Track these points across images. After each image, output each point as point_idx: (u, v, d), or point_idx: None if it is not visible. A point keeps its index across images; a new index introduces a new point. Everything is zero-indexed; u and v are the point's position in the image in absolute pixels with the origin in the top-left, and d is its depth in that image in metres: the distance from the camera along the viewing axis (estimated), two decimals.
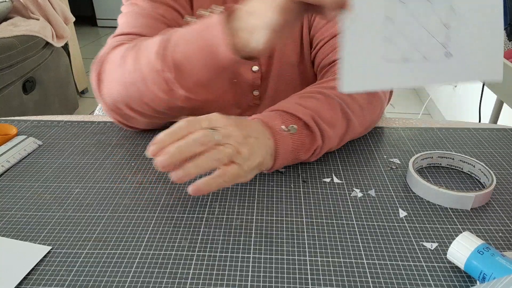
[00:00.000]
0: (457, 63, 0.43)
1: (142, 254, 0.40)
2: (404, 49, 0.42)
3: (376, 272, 0.38)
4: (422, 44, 0.42)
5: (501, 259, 0.35)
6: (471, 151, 0.58)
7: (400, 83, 0.43)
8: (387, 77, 0.43)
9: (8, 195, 0.49)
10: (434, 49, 0.42)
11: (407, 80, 0.43)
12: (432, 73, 0.43)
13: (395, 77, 0.43)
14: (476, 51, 0.42)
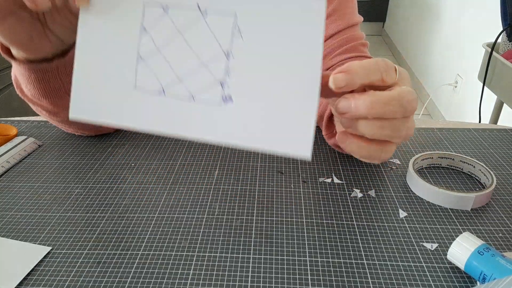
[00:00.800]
0: (239, 114, 0.32)
1: (142, 255, 0.40)
2: (164, 78, 0.33)
3: (376, 272, 0.38)
4: (189, 75, 0.33)
5: (501, 259, 0.35)
6: (471, 152, 0.58)
7: (152, 123, 0.33)
8: (133, 110, 0.33)
9: (8, 195, 0.49)
10: (206, 85, 0.33)
11: (162, 121, 0.33)
12: (201, 118, 0.33)
13: (144, 113, 0.33)
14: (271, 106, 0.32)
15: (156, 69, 0.33)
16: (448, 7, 2.32)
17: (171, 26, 0.33)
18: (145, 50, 0.33)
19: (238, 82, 0.32)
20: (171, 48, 0.33)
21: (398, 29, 3.29)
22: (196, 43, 0.33)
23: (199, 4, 0.32)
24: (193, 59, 0.33)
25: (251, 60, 0.32)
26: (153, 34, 0.33)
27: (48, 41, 0.42)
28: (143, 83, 0.33)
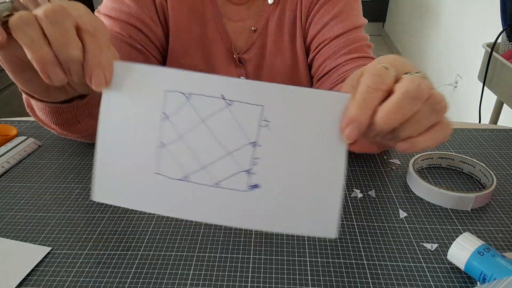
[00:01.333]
0: (265, 201, 0.32)
1: (142, 255, 0.40)
2: (186, 166, 0.33)
3: (376, 272, 0.38)
4: (212, 163, 0.32)
5: (501, 260, 0.35)
6: (471, 152, 0.58)
7: (175, 210, 0.33)
8: (155, 195, 0.33)
9: (8, 196, 0.49)
10: (231, 174, 0.32)
11: (185, 207, 0.33)
12: (226, 205, 0.32)
13: (167, 198, 0.33)
14: (297, 192, 0.32)
15: (178, 157, 0.33)
16: (448, 7, 2.32)
17: (194, 113, 0.32)
18: (166, 136, 0.33)
19: (264, 171, 0.32)
20: (193, 135, 0.33)
21: (398, 29, 3.29)
22: (220, 132, 0.32)
23: (224, 95, 0.32)
24: (217, 147, 0.32)
25: (277, 149, 0.32)
26: (175, 120, 0.33)
27: (65, 93, 0.42)
28: (165, 169, 0.33)
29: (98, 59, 0.32)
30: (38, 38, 0.31)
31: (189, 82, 0.32)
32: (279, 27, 0.66)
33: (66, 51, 0.31)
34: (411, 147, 0.31)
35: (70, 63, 0.32)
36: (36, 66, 0.31)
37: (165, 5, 0.64)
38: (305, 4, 0.65)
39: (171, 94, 0.32)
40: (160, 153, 0.33)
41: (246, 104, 0.32)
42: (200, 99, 0.32)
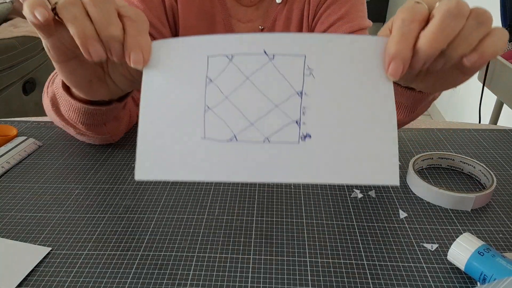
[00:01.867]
0: (319, 151, 0.31)
1: (142, 255, 0.40)
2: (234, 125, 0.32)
3: (377, 273, 0.38)
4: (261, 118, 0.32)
5: (501, 260, 0.35)
6: (471, 152, 0.58)
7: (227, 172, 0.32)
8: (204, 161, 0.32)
9: (8, 196, 0.49)
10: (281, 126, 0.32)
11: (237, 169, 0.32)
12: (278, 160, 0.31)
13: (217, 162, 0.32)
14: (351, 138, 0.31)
15: (225, 117, 0.32)
16: None
17: (237, 72, 0.33)
18: (212, 99, 0.33)
19: (314, 119, 0.32)
20: (239, 94, 0.32)
21: None
22: (265, 86, 0.32)
23: (266, 50, 0.32)
24: (264, 102, 0.32)
25: (325, 97, 0.32)
26: (219, 83, 0.33)
27: (107, 87, 0.43)
28: (213, 132, 0.33)
29: (137, 39, 0.33)
30: (81, 15, 0.32)
31: (229, 44, 0.33)
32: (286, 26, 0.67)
33: (107, 30, 0.32)
34: (480, 57, 0.31)
35: (111, 41, 0.33)
36: (78, 40, 0.32)
37: (175, 7, 0.64)
38: (313, 3, 0.65)
39: (213, 58, 0.33)
40: (206, 117, 0.33)
41: (288, 56, 0.32)
42: (242, 58, 0.32)
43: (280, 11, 0.66)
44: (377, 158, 0.31)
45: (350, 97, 0.32)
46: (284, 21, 0.66)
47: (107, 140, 0.57)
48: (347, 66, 0.32)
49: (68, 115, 0.50)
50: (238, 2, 0.66)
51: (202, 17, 0.65)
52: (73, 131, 0.54)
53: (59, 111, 0.51)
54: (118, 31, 0.33)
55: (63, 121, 0.52)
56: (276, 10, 0.66)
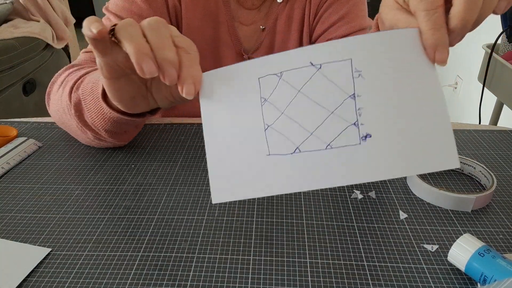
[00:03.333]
0: (381, 148, 0.32)
1: (142, 256, 0.40)
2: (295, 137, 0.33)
3: (377, 274, 0.38)
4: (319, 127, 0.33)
5: (501, 261, 0.35)
6: (471, 153, 0.58)
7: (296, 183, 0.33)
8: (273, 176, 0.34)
9: (8, 196, 0.49)
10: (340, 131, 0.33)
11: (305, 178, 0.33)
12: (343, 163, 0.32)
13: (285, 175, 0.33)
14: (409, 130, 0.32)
15: (285, 132, 0.34)
16: None
17: (289, 87, 0.34)
18: (269, 117, 0.34)
19: (371, 119, 0.32)
20: (294, 107, 0.34)
21: None
22: (318, 96, 0.33)
23: (312, 62, 0.33)
24: (320, 110, 0.33)
25: (377, 95, 0.32)
26: (273, 100, 0.34)
27: (147, 103, 0.44)
28: (276, 148, 0.34)
29: (190, 70, 0.35)
30: (138, 34, 0.34)
31: (276, 62, 0.34)
32: (288, 25, 0.67)
33: (163, 52, 0.34)
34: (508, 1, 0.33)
35: (165, 64, 0.34)
36: (133, 56, 0.33)
37: (179, 7, 0.64)
38: (314, 2, 0.65)
39: (263, 78, 0.34)
40: (268, 135, 0.34)
41: (335, 62, 0.33)
42: (291, 73, 0.34)
43: (281, 10, 0.66)
44: (436, 145, 0.32)
45: (401, 91, 0.33)
46: (285, 20, 0.66)
47: (118, 145, 0.58)
48: (391, 62, 0.33)
49: (93, 121, 0.50)
50: (241, 5, 0.66)
51: (206, 18, 0.65)
52: (91, 137, 0.54)
53: (82, 117, 0.51)
54: (172, 54, 0.34)
55: (84, 127, 0.52)
56: (277, 9, 0.66)
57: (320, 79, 0.33)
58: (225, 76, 0.35)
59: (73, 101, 0.51)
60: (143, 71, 0.34)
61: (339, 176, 0.32)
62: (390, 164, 0.32)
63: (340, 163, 0.32)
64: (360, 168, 0.32)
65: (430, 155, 0.32)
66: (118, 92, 0.41)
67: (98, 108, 0.48)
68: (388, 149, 0.32)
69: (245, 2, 0.66)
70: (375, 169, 0.32)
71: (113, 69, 0.38)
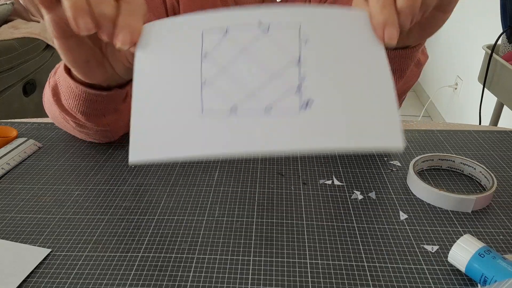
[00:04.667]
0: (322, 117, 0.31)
1: (142, 257, 0.40)
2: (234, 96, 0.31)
3: (377, 274, 0.38)
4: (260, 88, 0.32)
5: (502, 262, 0.35)
6: (471, 154, 0.58)
7: (227, 145, 0.31)
8: (203, 137, 0.31)
9: (8, 197, 0.49)
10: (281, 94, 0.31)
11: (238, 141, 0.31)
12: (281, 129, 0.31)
13: (217, 137, 0.31)
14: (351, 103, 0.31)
15: (223, 89, 0.32)
16: None
17: (233, 46, 0.32)
18: (208, 74, 0.32)
19: (314, 86, 0.31)
20: (236, 66, 0.32)
21: None
22: (262, 57, 0.32)
23: (261, 20, 0.32)
24: (262, 72, 0.32)
25: (322, 64, 0.32)
26: (215, 57, 0.32)
27: (104, 71, 0.43)
28: (211, 106, 0.32)
29: (127, 20, 0.33)
30: None
31: (224, 18, 0.33)
32: None
33: (99, 6, 0.33)
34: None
35: (101, 18, 0.33)
36: (68, 11, 0.32)
37: (177, 7, 0.64)
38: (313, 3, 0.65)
39: (208, 32, 0.33)
40: (204, 92, 0.32)
41: (284, 25, 0.32)
42: (238, 30, 0.32)
43: None
44: (379, 121, 0.31)
45: (347, 63, 0.32)
46: None
47: (107, 136, 0.57)
48: (340, 35, 0.32)
49: (68, 103, 0.50)
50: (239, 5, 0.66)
51: None
52: (72, 124, 0.54)
53: (60, 101, 0.51)
54: (110, 9, 0.33)
55: (63, 112, 0.52)
56: None
57: (266, 40, 0.32)
58: (168, 28, 0.34)
59: (51, 86, 0.51)
60: (78, 28, 0.33)
61: (275, 141, 0.31)
62: (328, 134, 0.31)
63: (277, 128, 0.31)
64: (298, 134, 0.31)
65: (373, 130, 0.31)
66: (69, 53, 0.40)
67: (67, 85, 0.47)
68: (327, 119, 0.31)
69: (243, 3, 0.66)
70: (312, 138, 0.31)
71: (60, 26, 0.37)
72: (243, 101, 0.31)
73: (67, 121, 0.54)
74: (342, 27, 0.33)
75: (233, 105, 0.31)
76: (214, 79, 0.32)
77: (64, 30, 0.37)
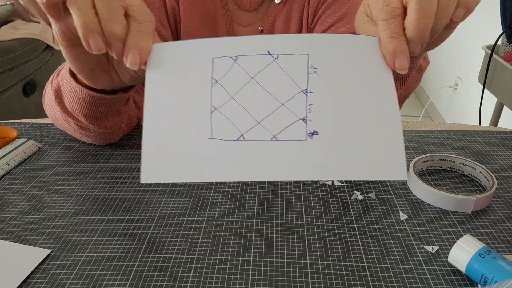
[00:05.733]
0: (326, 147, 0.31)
1: (142, 258, 0.40)
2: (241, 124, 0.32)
3: (377, 275, 0.38)
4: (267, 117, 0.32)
5: (502, 262, 0.35)
6: (471, 154, 0.58)
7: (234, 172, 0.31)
8: (211, 161, 0.32)
9: (8, 198, 0.49)
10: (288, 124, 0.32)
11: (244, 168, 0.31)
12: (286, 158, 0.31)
13: (224, 162, 0.32)
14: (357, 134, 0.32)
15: (231, 117, 0.33)
16: None
17: (242, 73, 0.33)
18: (217, 100, 0.33)
19: (320, 117, 0.32)
20: (244, 94, 0.33)
21: None
22: (270, 85, 0.33)
23: (270, 51, 0.33)
24: (270, 100, 0.32)
25: (330, 94, 0.32)
26: (224, 83, 0.33)
27: (110, 79, 0.44)
28: (220, 132, 0.32)
29: (137, 40, 0.34)
30: (86, 6, 0.33)
31: (234, 46, 0.33)
32: (286, 26, 0.67)
33: (110, 26, 0.33)
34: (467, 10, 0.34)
35: (112, 38, 0.34)
36: (79, 30, 0.33)
37: (177, 9, 0.64)
38: (313, 3, 0.65)
39: (218, 60, 0.33)
40: (213, 118, 0.33)
41: (292, 55, 0.33)
42: (247, 58, 0.33)
43: (280, 11, 0.66)
44: (384, 153, 0.31)
45: (354, 94, 0.32)
46: (284, 21, 0.66)
47: (108, 138, 0.57)
48: (348, 64, 0.33)
49: (71, 106, 0.50)
50: (239, 7, 0.66)
51: (204, 20, 0.65)
52: (74, 126, 0.54)
53: (62, 103, 0.51)
54: (120, 29, 0.34)
55: (65, 114, 0.52)
56: (275, 10, 0.66)
57: (275, 70, 0.33)
58: (178, 51, 0.34)
59: (54, 88, 0.51)
60: (89, 47, 0.33)
61: (281, 170, 0.31)
62: (333, 164, 0.31)
63: (283, 157, 0.31)
64: (303, 164, 0.31)
65: (377, 162, 0.31)
66: (76, 61, 0.40)
67: (71, 88, 0.48)
68: (333, 149, 0.31)
69: (243, 4, 0.66)
70: (318, 168, 0.31)
71: (67, 36, 0.37)
72: (251, 129, 0.32)
73: (69, 123, 0.54)
74: (349, 55, 0.33)
75: (241, 132, 0.32)
76: (223, 105, 0.33)
77: (71, 38, 0.38)
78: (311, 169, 0.31)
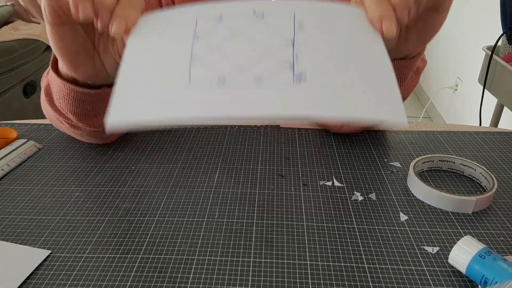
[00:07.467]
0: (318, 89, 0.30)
1: (142, 258, 0.40)
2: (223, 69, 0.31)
3: (377, 276, 0.38)
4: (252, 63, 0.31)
5: (502, 263, 0.35)
6: (472, 155, 0.58)
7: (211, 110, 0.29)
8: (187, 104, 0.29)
9: (7, 198, 0.49)
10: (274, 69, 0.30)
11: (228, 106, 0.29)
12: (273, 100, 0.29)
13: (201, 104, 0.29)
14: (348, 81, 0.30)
15: (212, 66, 0.31)
16: None
17: (226, 29, 0.33)
18: (199, 51, 0.32)
19: (308, 63, 0.30)
20: (227, 46, 0.32)
21: None
22: (255, 39, 0.32)
23: (255, 10, 0.33)
24: (254, 52, 0.31)
25: (317, 46, 0.32)
26: (207, 38, 0.32)
27: (93, 64, 0.44)
28: (199, 79, 0.31)
29: (125, 11, 0.34)
30: None
31: (218, 7, 0.33)
32: None
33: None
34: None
35: (101, 7, 0.34)
36: None
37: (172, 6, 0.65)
38: None
39: (202, 19, 0.33)
40: (193, 66, 0.31)
41: (278, 14, 0.33)
42: (232, 18, 0.33)
43: None
44: (378, 93, 0.29)
45: (342, 45, 0.32)
46: None
47: (101, 136, 0.57)
48: (336, 24, 0.33)
49: (59, 103, 0.50)
50: None
51: None
52: (66, 125, 0.54)
53: (52, 101, 0.51)
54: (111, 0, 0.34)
55: (56, 112, 0.52)
56: None
57: (261, 26, 0.32)
58: (163, 17, 0.34)
59: (44, 86, 0.51)
60: (77, 12, 0.33)
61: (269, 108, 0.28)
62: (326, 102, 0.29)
63: (270, 97, 0.29)
64: (293, 103, 0.29)
65: (372, 102, 0.29)
66: (61, 42, 0.40)
67: (57, 85, 0.48)
68: (324, 89, 0.29)
69: None
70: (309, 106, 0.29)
71: (56, 12, 0.37)
72: (232, 73, 0.30)
73: (61, 121, 0.54)
74: (337, 18, 0.33)
75: (220, 75, 0.30)
76: (204, 55, 0.32)
77: (59, 15, 0.38)
78: (300, 107, 0.29)
